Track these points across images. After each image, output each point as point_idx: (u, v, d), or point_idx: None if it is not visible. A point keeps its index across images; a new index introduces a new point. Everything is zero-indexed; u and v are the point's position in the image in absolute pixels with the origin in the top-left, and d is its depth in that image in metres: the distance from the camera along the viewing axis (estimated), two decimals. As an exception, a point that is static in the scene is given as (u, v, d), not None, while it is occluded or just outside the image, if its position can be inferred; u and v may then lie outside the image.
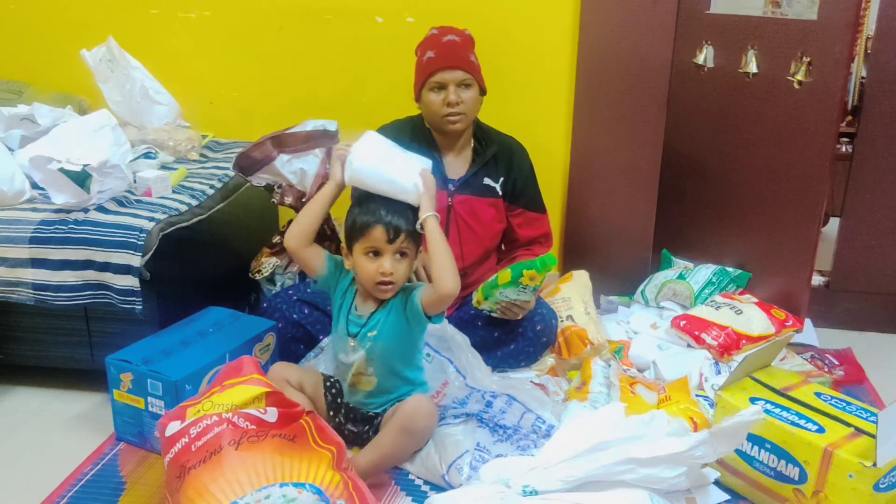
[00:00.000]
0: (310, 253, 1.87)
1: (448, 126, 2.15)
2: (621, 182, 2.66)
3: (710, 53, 2.54)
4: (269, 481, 1.52)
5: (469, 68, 2.12)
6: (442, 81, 2.11)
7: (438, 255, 1.76)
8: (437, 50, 2.13)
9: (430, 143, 2.22)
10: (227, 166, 2.44)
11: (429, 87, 2.13)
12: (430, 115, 2.17)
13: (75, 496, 1.75)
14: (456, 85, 2.11)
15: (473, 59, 2.15)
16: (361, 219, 1.78)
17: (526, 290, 2.07)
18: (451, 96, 2.10)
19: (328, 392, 1.94)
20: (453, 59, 2.11)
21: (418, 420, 1.78)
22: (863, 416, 1.68)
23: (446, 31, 2.17)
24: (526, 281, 2.04)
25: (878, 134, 2.51)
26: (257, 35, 2.77)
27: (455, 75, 2.10)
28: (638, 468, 1.63)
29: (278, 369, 1.94)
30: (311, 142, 2.27)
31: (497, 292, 2.09)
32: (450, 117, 2.13)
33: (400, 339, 1.85)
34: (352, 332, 1.85)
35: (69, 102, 2.66)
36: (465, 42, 2.16)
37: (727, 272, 2.59)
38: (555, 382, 2.19)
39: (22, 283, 2.01)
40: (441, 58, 2.11)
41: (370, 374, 1.86)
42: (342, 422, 1.92)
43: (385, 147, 1.84)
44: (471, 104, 2.14)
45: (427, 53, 2.14)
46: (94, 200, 2.07)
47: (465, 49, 2.15)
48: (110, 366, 1.90)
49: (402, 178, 1.79)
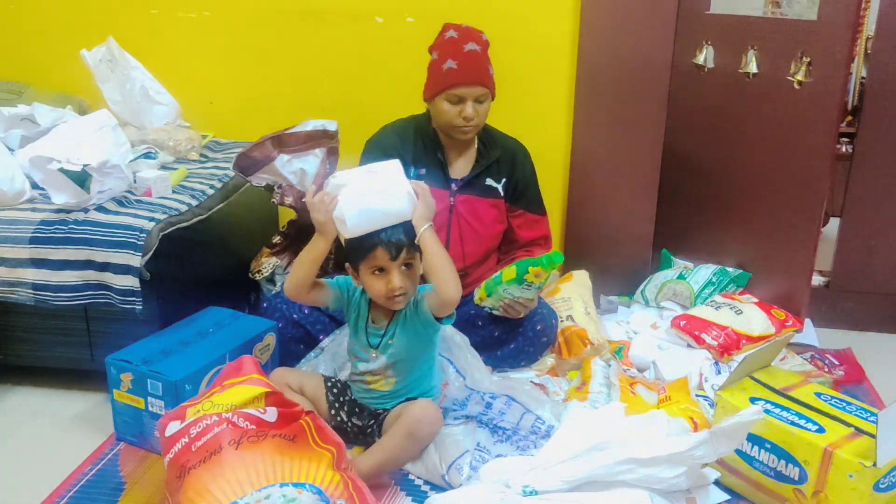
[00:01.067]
0: (312, 296, 1.87)
1: (460, 136, 2.15)
2: (621, 182, 2.66)
3: (710, 53, 2.54)
4: (269, 481, 1.52)
5: (489, 84, 2.10)
6: (461, 96, 2.08)
7: (437, 265, 1.75)
8: (459, 61, 2.07)
9: (434, 144, 2.21)
10: (227, 166, 2.43)
11: (446, 96, 2.09)
12: (442, 122, 2.15)
13: (75, 496, 1.75)
14: (474, 100, 2.09)
15: (491, 69, 2.13)
16: (361, 241, 1.76)
17: (531, 287, 2.06)
18: (469, 111, 2.08)
19: (329, 392, 1.94)
20: (475, 75, 2.07)
21: (425, 426, 1.79)
22: (863, 416, 1.68)
23: (466, 37, 2.11)
24: (531, 278, 2.03)
25: (878, 134, 2.51)
26: (257, 35, 2.77)
27: (475, 91, 2.08)
28: (638, 468, 1.63)
29: (278, 374, 1.95)
30: (311, 142, 2.28)
31: (501, 289, 2.08)
32: (463, 129, 2.12)
33: (418, 341, 1.86)
34: (373, 343, 1.86)
35: (69, 102, 2.66)
36: (484, 51, 2.12)
37: (727, 272, 2.59)
38: (555, 382, 2.19)
39: (22, 283, 2.01)
40: (463, 73, 2.07)
41: (390, 375, 1.87)
42: (344, 419, 1.92)
43: (361, 183, 1.76)
44: (484, 116, 2.14)
45: (447, 62, 2.08)
46: (94, 200, 2.07)
47: (486, 60, 2.12)
48: (110, 366, 1.89)
49: (394, 204, 1.75)
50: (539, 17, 2.61)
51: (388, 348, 1.85)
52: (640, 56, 2.52)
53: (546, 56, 2.65)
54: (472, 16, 2.42)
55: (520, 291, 2.08)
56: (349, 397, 1.94)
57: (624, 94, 2.57)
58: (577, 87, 2.65)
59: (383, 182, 1.76)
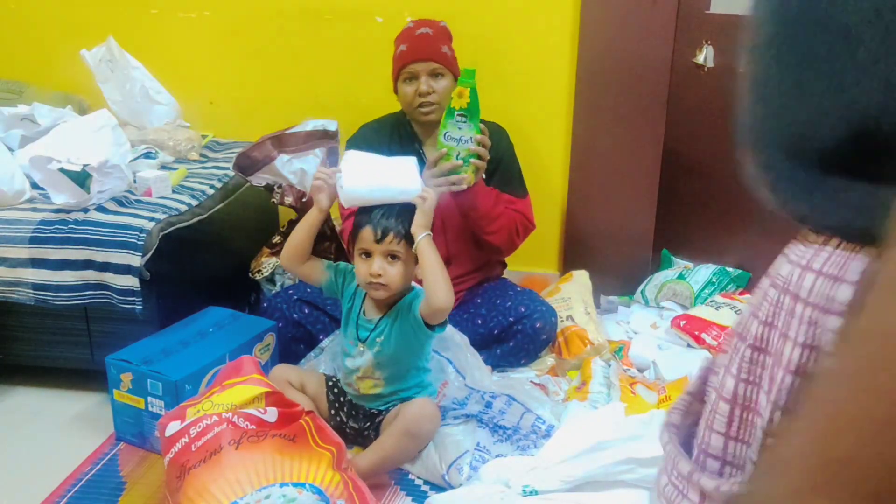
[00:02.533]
0: (306, 268, 1.91)
1: (421, 116, 2.18)
2: (621, 182, 2.66)
3: (710, 53, 2.54)
4: (270, 481, 1.52)
5: (440, 59, 2.15)
6: (413, 72, 2.14)
7: (430, 272, 1.75)
8: (409, 43, 2.18)
9: (410, 136, 2.24)
10: (227, 166, 2.43)
11: (402, 78, 2.17)
12: (405, 107, 2.21)
13: (75, 496, 1.75)
14: (427, 75, 2.14)
15: (446, 50, 2.18)
16: (356, 220, 1.82)
17: (463, 118, 1.96)
18: (423, 86, 2.13)
19: (330, 391, 1.94)
20: (424, 50, 2.15)
21: (422, 424, 1.79)
22: (863, 416, 1.68)
23: (420, 24, 2.22)
24: (456, 103, 1.94)
25: (878, 134, 2.51)
26: (257, 35, 2.77)
27: (425, 66, 2.14)
28: (638, 468, 1.63)
29: (279, 371, 1.95)
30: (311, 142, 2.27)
31: (441, 139, 1.99)
32: (422, 108, 2.16)
33: (407, 344, 1.85)
34: (361, 336, 1.86)
35: (69, 102, 2.66)
36: (437, 33, 2.19)
37: (727, 272, 2.59)
38: (555, 382, 2.19)
39: (22, 283, 2.01)
40: (412, 50, 2.16)
41: (377, 377, 1.87)
42: (343, 420, 1.92)
43: (369, 158, 1.86)
44: (443, 94, 2.15)
45: (400, 46, 2.19)
46: (94, 200, 2.07)
47: (438, 41, 2.18)
48: (110, 366, 1.90)
49: (396, 181, 1.80)
50: (539, 17, 2.61)
51: (375, 345, 1.84)
52: (640, 56, 2.52)
53: (546, 56, 2.64)
54: (472, 16, 2.42)
55: (457, 129, 1.97)
56: (348, 398, 1.94)
57: (624, 93, 2.57)
58: (577, 87, 2.65)
59: (391, 164, 1.85)
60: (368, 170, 1.82)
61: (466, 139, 1.98)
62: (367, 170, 1.82)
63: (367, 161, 1.85)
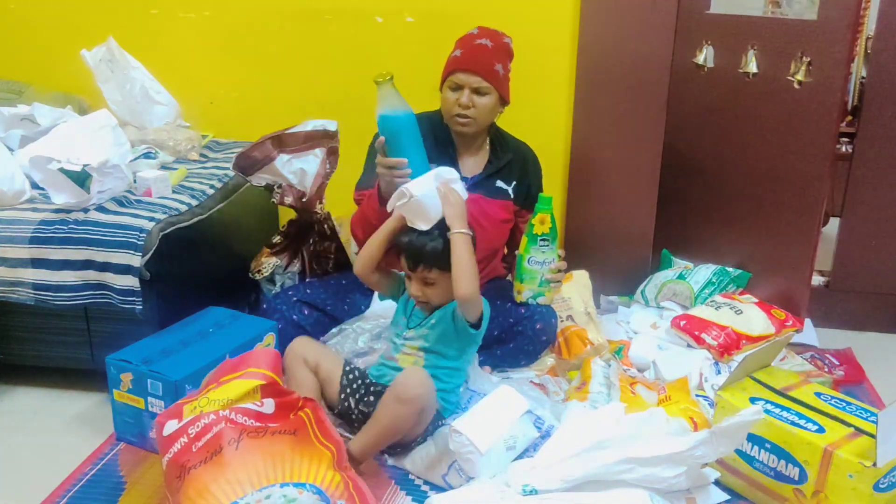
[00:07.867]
0: (375, 278, 1.99)
1: (456, 126, 2.16)
2: (621, 182, 2.66)
3: (710, 53, 2.54)
4: (270, 481, 1.53)
5: (488, 76, 2.11)
6: (458, 82, 2.11)
7: (457, 264, 1.81)
8: (464, 50, 2.13)
9: (446, 140, 2.22)
10: (227, 166, 2.43)
11: (447, 84, 2.14)
12: (444, 112, 2.19)
13: (75, 496, 1.75)
14: (471, 89, 2.10)
15: (499, 68, 2.13)
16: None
17: (546, 242, 2.09)
18: (464, 99, 2.10)
19: (345, 376, 1.93)
20: (474, 63, 2.10)
21: (410, 389, 1.76)
22: (863, 416, 1.68)
23: (483, 34, 2.15)
24: (538, 229, 2.08)
25: (878, 134, 2.51)
26: (257, 35, 2.77)
27: (472, 79, 2.10)
28: (638, 468, 1.63)
29: (300, 344, 1.97)
30: (311, 142, 2.28)
31: (525, 265, 2.13)
32: (458, 118, 2.14)
33: (448, 344, 1.90)
34: (412, 324, 1.94)
35: (69, 102, 2.66)
36: (496, 48, 2.14)
37: (727, 272, 2.59)
38: (555, 382, 2.19)
39: (22, 283, 2.01)
40: (464, 59, 2.11)
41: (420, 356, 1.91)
42: (352, 405, 1.91)
43: (483, 419, 1.82)
44: (483, 111, 2.14)
45: (456, 51, 2.15)
46: (94, 200, 2.07)
47: (493, 56, 2.13)
48: (110, 366, 1.90)
49: (510, 416, 1.81)
50: (539, 16, 2.61)
51: (422, 331, 1.91)
52: (640, 56, 2.52)
53: (546, 56, 2.64)
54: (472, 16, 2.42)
55: (541, 254, 2.11)
56: (364, 383, 1.93)
57: (624, 93, 2.58)
58: (577, 87, 2.65)
59: (496, 402, 1.85)
60: (488, 424, 1.78)
61: (549, 261, 2.13)
62: (486, 425, 1.78)
63: (481, 419, 1.80)
